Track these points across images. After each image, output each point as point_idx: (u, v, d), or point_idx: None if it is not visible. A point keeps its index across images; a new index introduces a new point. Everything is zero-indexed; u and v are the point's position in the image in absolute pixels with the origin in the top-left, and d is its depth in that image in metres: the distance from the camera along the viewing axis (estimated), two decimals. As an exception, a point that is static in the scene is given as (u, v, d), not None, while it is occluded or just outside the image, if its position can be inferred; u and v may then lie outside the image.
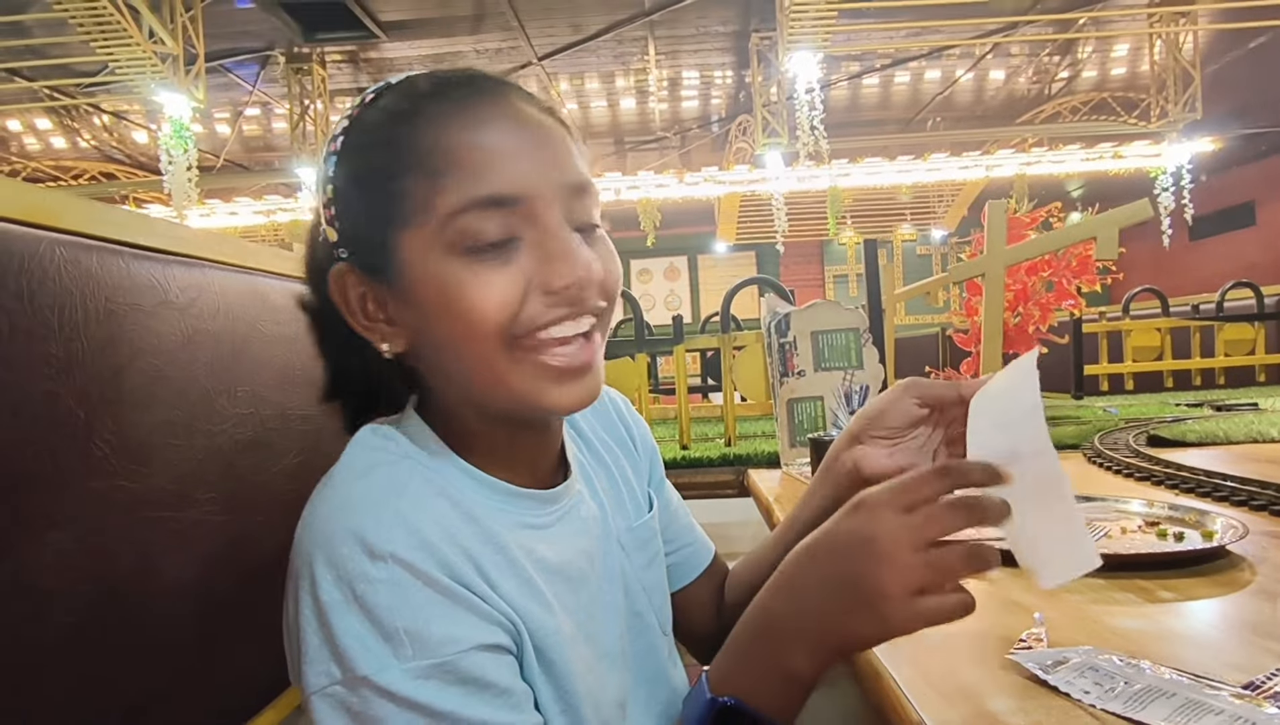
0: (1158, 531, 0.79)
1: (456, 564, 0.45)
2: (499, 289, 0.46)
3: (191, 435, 0.64)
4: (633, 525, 0.62)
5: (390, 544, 0.43)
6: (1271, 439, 1.43)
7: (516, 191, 0.47)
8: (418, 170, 0.46)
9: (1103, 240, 1.42)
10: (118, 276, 0.58)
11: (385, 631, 0.42)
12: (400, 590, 0.43)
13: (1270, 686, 0.45)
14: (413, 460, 0.49)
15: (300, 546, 0.46)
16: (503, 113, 0.48)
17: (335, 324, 0.53)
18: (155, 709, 0.59)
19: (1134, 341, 2.86)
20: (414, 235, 0.47)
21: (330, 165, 0.50)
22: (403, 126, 0.48)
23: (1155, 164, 6.86)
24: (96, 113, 6.92)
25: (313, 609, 0.43)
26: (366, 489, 0.47)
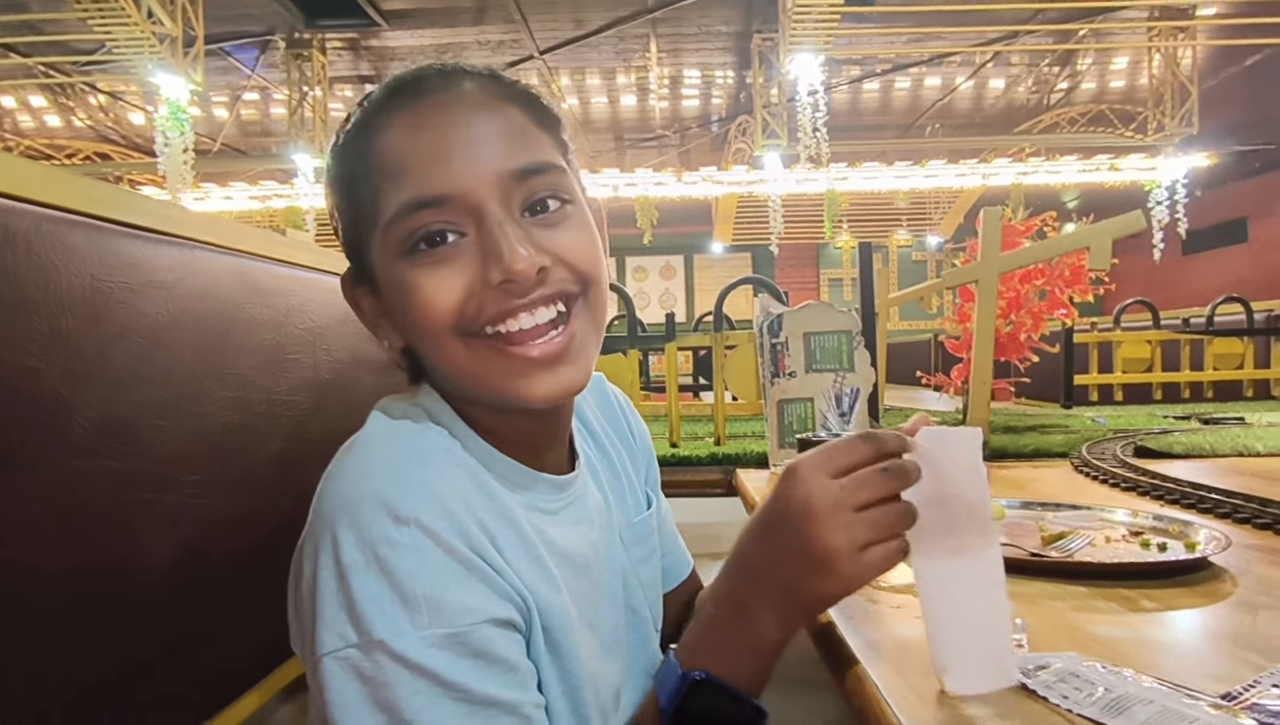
0: (1141, 541, 0.80)
1: (475, 536, 0.46)
2: (439, 288, 0.48)
3: (177, 417, 0.63)
4: (633, 520, 0.63)
5: (415, 509, 0.44)
6: (1256, 453, 1.44)
7: (442, 191, 0.48)
8: (370, 177, 0.49)
9: (1096, 250, 1.43)
10: (105, 254, 0.57)
11: (405, 596, 0.42)
12: (422, 556, 0.43)
13: (1248, 698, 0.46)
14: (434, 430, 0.50)
15: (321, 510, 0.46)
16: (440, 113, 0.49)
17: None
18: (134, 690, 0.58)
19: (1124, 353, 2.88)
20: (375, 240, 0.50)
21: (326, 178, 0.55)
22: (364, 133, 0.50)
23: (1150, 177, 6.90)
24: (92, 92, 6.86)
25: (333, 571, 0.44)
26: (392, 454, 0.48)
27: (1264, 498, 0.96)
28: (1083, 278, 1.92)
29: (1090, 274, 1.88)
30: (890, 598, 0.69)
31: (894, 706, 0.47)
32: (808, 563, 0.45)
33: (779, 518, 0.47)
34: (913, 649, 0.58)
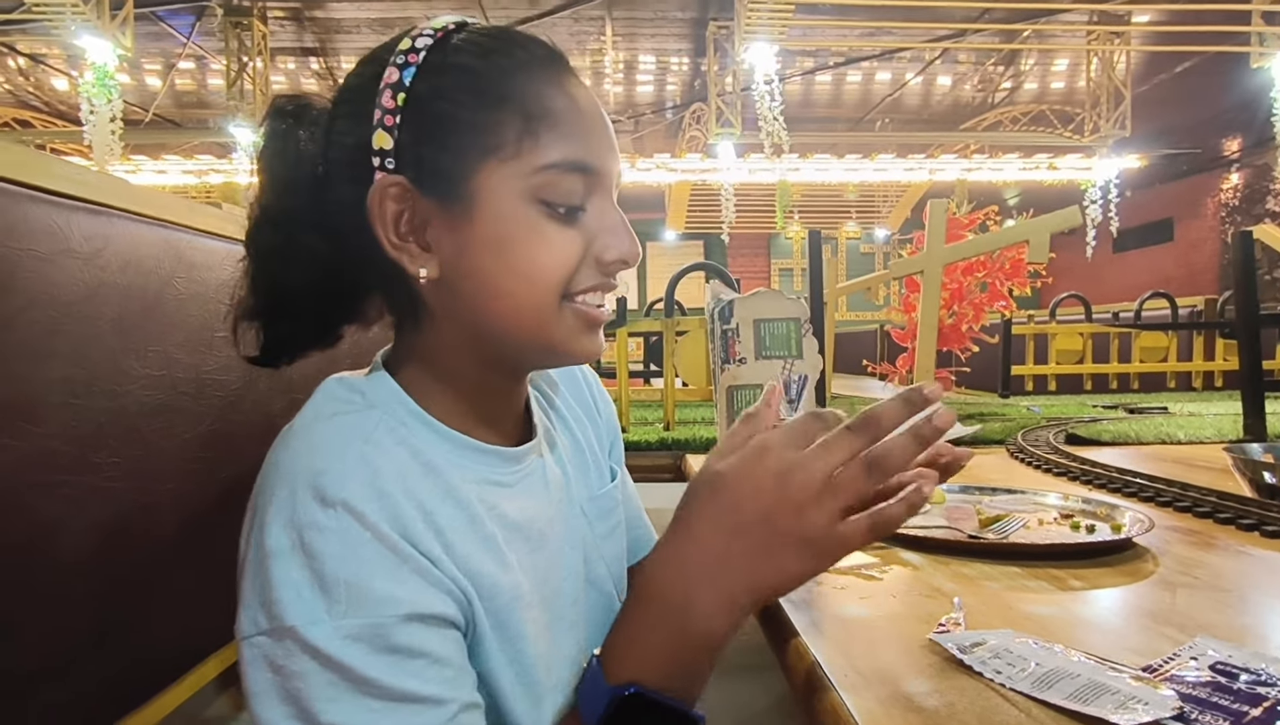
0: (1071, 524, 0.83)
1: (411, 521, 0.44)
2: (562, 249, 0.48)
3: (92, 395, 0.59)
4: (595, 494, 0.62)
5: (344, 490, 0.42)
6: (1178, 441, 1.51)
7: (597, 165, 0.50)
8: (515, 110, 0.47)
9: (1035, 244, 1.47)
10: (11, 218, 0.53)
11: (325, 582, 0.41)
12: (347, 540, 0.42)
13: (1166, 669, 0.48)
14: (379, 410, 0.48)
15: (259, 489, 0.45)
16: (591, 97, 0.51)
17: (299, 234, 0.50)
18: (41, 688, 0.55)
19: (1058, 345, 2.99)
20: (495, 169, 0.47)
21: (408, 74, 0.48)
22: (500, 65, 0.48)
23: (1086, 177, 7.18)
24: (11, 54, 6.45)
25: (257, 553, 0.42)
26: (328, 432, 0.46)
27: (1184, 482, 1.01)
28: (1022, 271, 1.98)
29: (1029, 267, 1.95)
30: (834, 578, 0.70)
31: (834, 683, 0.48)
32: (780, 546, 0.44)
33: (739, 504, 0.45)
34: (855, 629, 0.58)
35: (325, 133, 0.50)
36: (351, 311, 0.54)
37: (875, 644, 0.55)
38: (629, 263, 0.51)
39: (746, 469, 0.45)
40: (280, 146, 0.51)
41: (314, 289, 0.51)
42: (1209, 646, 0.50)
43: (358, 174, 0.48)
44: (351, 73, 0.51)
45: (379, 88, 0.48)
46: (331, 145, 0.50)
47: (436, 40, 0.49)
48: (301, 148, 0.51)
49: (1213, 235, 8.77)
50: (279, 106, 0.52)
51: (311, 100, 0.53)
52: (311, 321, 0.53)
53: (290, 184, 0.51)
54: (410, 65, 0.48)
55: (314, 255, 0.50)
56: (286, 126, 0.51)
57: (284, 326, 0.52)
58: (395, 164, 0.47)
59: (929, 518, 0.87)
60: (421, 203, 0.48)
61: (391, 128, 0.47)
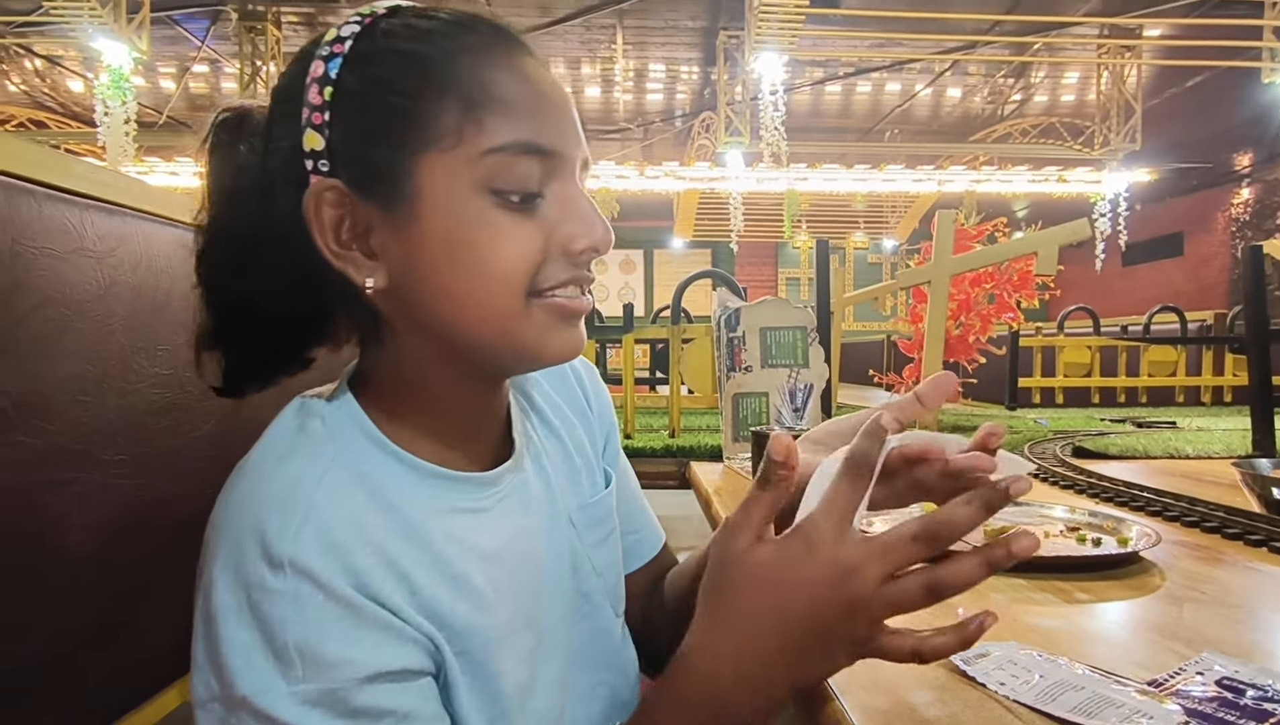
0: (1077, 536, 0.82)
1: (368, 572, 0.41)
2: (520, 243, 0.44)
3: (102, 393, 0.60)
4: (586, 502, 0.59)
5: (292, 548, 0.40)
6: (1186, 456, 1.50)
7: (553, 146, 0.45)
8: (454, 95, 0.43)
9: (1043, 256, 1.47)
10: (27, 216, 0.54)
11: (276, 647, 0.38)
12: (298, 603, 0.39)
13: (1172, 684, 0.47)
14: (336, 444, 0.45)
15: (208, 538, 0.42)
16: (546, 72, 0.47)
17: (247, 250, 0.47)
18: (46, 682, 0.55)
19: (1066, 357, 2.98)
20: (437, 161, 0.43)
21: (333, 66, 0.44)
22: (435, 46, 0.44)
23: (1095, 190, 7.17)
24: (28, 56, 6.52)
25: (205, 612, 0.40)
26: (277, 478, 0.43)
27: (1192, 497, 1.00)
28: (1029, 283, 1.98)
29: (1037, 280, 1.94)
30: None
31: (838, 694, 0.47)
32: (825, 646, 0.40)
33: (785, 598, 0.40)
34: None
35: (263, 140, 0.47)
36: (318, 332, 0.51)
37: (878, 654, 0.55)
38: (600, 250, 0.47)
39: (794, 565, 0.40)
40: (223, 159, 0.48)
41: (272, 310, 0.48)
42: (1215, 662, 0.50)
43: (297, 181, 0.44)
44: (283, 71, 0.48)
45: (305, 83, 0.44)
46: (269, 153, 0.46)
47: (364, 27, 0.45)
48: (243, 160, 0.48)
49: (1223, 250, 8.73)
50: (220, 118, 0.49)
51: (253, 109, 0.50)
52: (274, 346, 0.50)
53: (235, 198, 0.48)
54: (336, 56, 0.44)
55: (266, 273, 0.47)
56: (229, 138, 0.49)
57: (245, 352, 0.49)
58: (329, 166, 0.44)
59: None
60: (361, 207, 0.44)
61: (320, 126, 0.44)
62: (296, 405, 0.48)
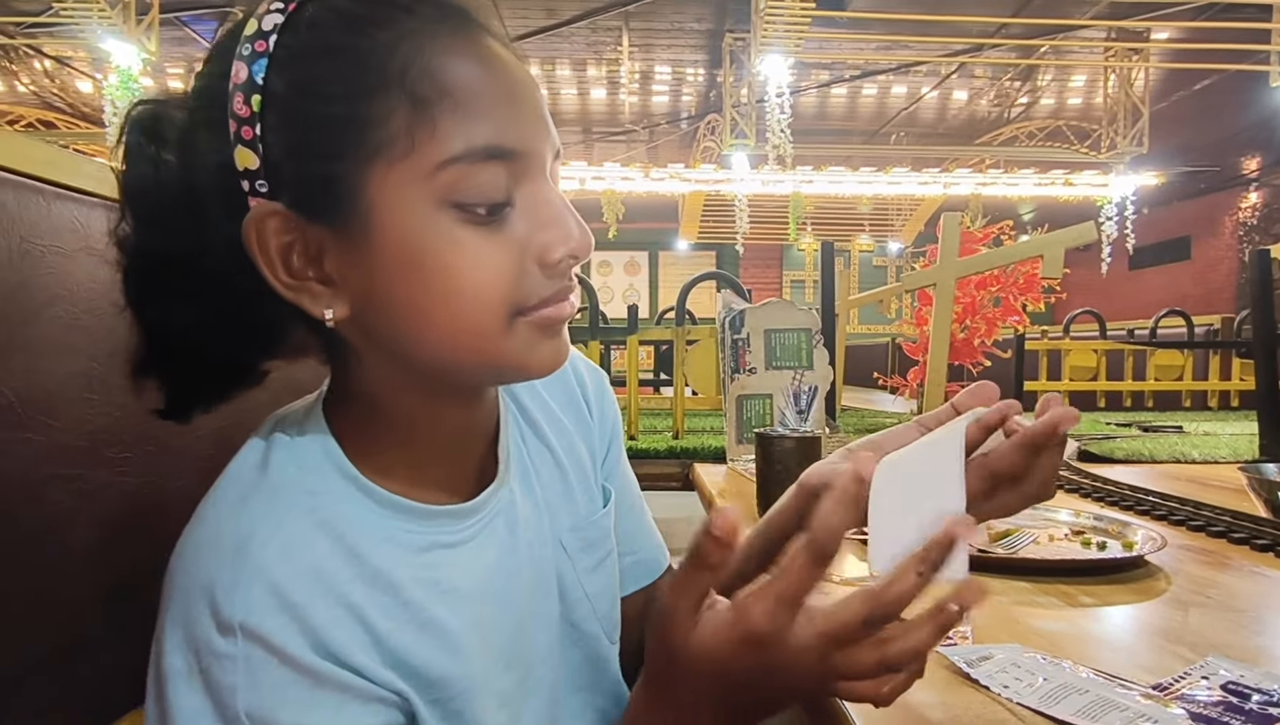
0: (1082, 540, 0.82)
1: (327, 627, 0.38)
2: (489, 261, 0.39)
3: (108, 390, 0.60)
4: (580, 524, 0.55)
5: (244, 610, 0.37)
6: (1192, 460, 1.49)
7: (520, 146, 0.40)
8: (397, 93, 0.37)
9: (1049, 259, 1.46)
10: (35, 215, 0.54)
11: (227, 715, 0.36)
12: (249, 669, 0.36)
13: (1177, 688, 0.47)
14: (298, 487, 0.41)
15: (164, 586, 0.40)
16: (506, 58, 0.41)
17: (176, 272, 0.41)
18: (52, 682, 0.56)
19: (1072, 361, 2.97)
20: (386, 173, 0.38)
21: (258, 68, 0.37)
22: (370, 36, 0.37)
23: (1102, 193, 7.15)
24: (37, 56, 6.56)
25: (156, 672, 0.38)
26: (231, 531, 0.39)
27: (1198, 501, 1.00)
28: (1035, 286, 1.98)
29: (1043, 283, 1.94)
30: (841, 591, 0.69)
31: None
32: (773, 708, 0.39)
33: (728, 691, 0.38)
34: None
35: (185, 151, 0.41)
36: (270, 347, 0.46)
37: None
38: (579, 256, 0.42)
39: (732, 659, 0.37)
40: (139, 170, 0.41)
41: (210, 335, 0.43)
42: (1221, 666, 0.50)
43: (232, 201, 0.39)
44: (200, 69, 0.41)
45: (227, 90, 0.38)
46: (194, 168, 0.40)
47: (288, 17, 0.38)
48: (162, 172, 0.41)
49: (1230, 254, 8.69)
50: (134, 117, 0.42)
51: (170, 106, 0.42)
52: (216, 369, 0.46)
53: (157, 215, 0.41)
54: (260, 56, 0.38)
55: (202, 297, 0.41)
56: (144, 144, 0.42)
57: (183, 377, 0.45)
58: (268, 186, 0.38)
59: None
60: (310, 230, 0.39)
61: (253, 141, 0.37)
62: (263, 436, 0.45)
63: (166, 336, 0.43)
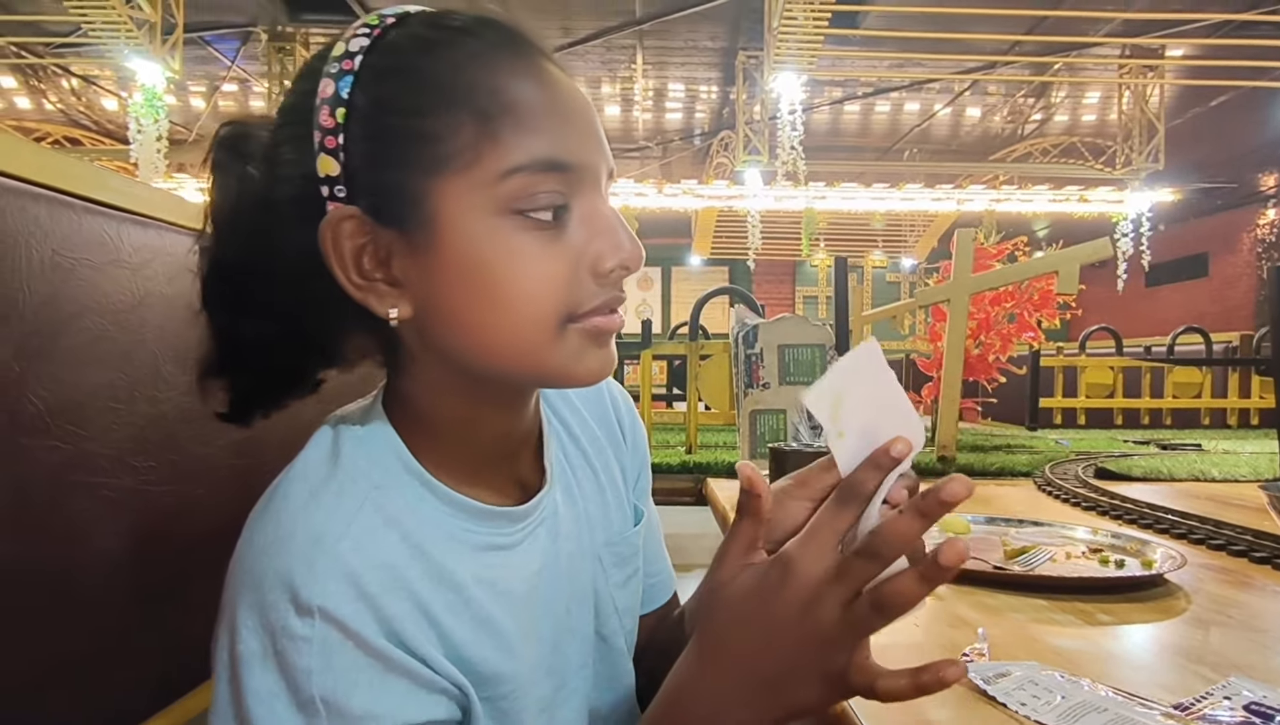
0: (1100, 558, 0.81)
1: (398, 622, 0.40)
2: (547, 268, 0.42)
3: (134, 400, 0.61)
4: (614, 539, 0.56)
5: (321, 595, 0.38)
6: (1212, 478, 1.47)
7: (577, 160, 0.43)
8: (466, 110, 0.41)
9: (1064, 275, 1.46)
10: (67, 228, 0.56)
11: (300, 698, 0.37)
12: (325, 652, 0.38)
13: (1199, 708, 0.46)
14: (366, 481, 0.43)
15: (230, 581, 0.41)
16: (564, 79, 0.44)
17: (255, 279, 0.44)
18: (77, 687, 0.56)
19: (1088, 378, 2.94)
20: (453, 183, 0.41)
21: (344, 85, 0.41)
22: (443, 60, 0.41)
23: (1117, 210, 7.10)
24: (65, 75, 6.72)
25: (229, 656, 0.39)
26: (304, 523, 0.41)
27: (1218, 520, 0.98)
28: (1050, 302, 1.96)
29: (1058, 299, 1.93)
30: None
31: (856, 710, 0.47)
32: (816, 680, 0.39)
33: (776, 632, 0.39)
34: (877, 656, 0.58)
35: (269, 163, 0.44)
36: (329, 356, 0.49)
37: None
38: (630, 267, 0.44)
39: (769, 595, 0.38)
40: (224, 184, 0.45)
41: (281, 339, 0.46)
42: (1244, 686, 0.49)
43: (309, 209, 0.42)
44: (289, 87, 0.45)
45: (314, 105, 0.42)
46: (277, 178, 0.43)
47: (373, 40, 0.42)
48: (247, 183, 0.45)
49: (1249, 271, 8.60)
50: (220, 137, 0.46)
51: (254, 126, 0.46)
52: (282, 373, 0.48)
53: (239, 224, 0.45)
54: (346, 74, 0.41)
55: (276, 303, 0.45)
56: (230, 160, 0.45)
57: (249, 381, 0.47)
58: (346, 192, 0.41)
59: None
60: (382, 233, 0.42)
61: (335, 150, 0.41)
62: (329, 431, 0.46)
63: (237, 341, 0.46)
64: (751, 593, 0.39)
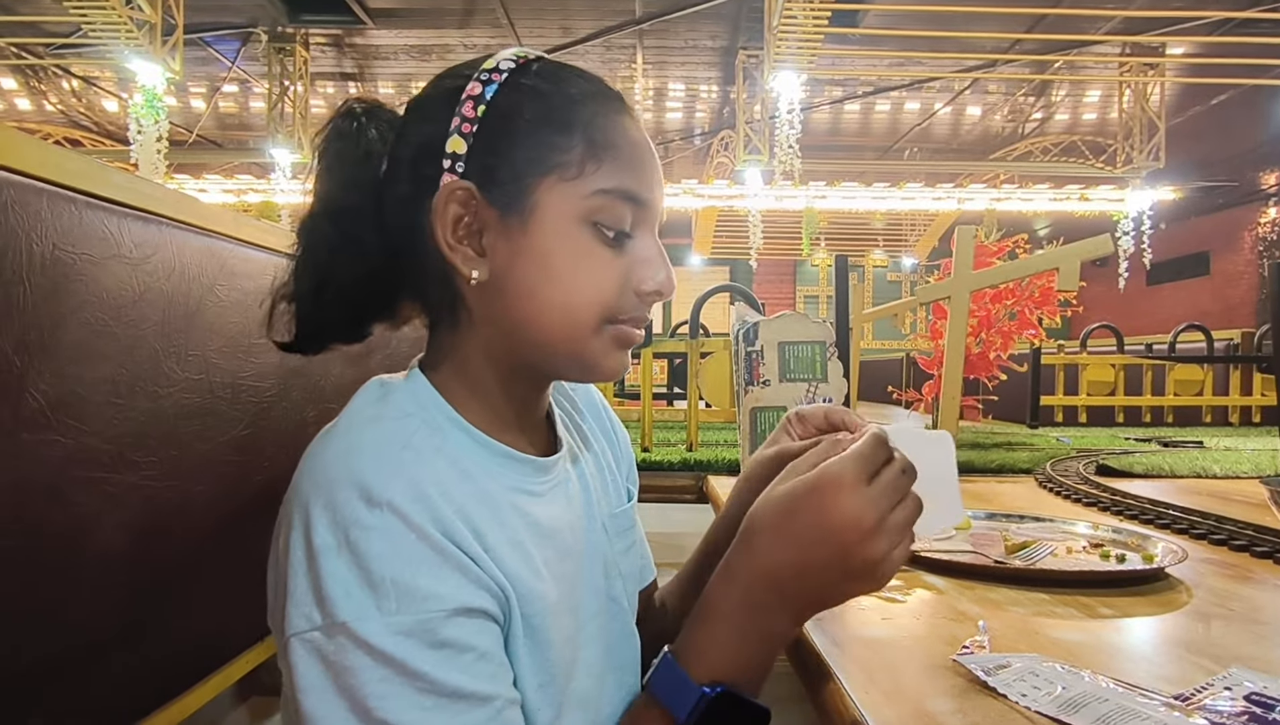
0: (1101, 552, 0.81)
1: (451, 523, 0.45)
2: (605, 274, 0.51)
3: (134, 396, 0.61)
4: (615, 511, 0.63)
5: (389, 492, 0.44)
6: (1213, 475, 1.47)
7: (648, 197, 0.52)
8: (580, 135, 0.50)
9: (1065, 271, 1.45)
10: (68, 224, 0.56)
11: (372, 579, 0.42)
12: (393, 539, 0.43)
13: (1199, 699, 0.46)
14: (416, 418, 0.50)
15: (298, 489, 0.46)
16: (639, 126, 0.55)
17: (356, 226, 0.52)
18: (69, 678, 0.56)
19: (1089, 376, 2.94)
20: (556, 185, 0.50)
21: (490, 89, 0.51)
22: (571, 93, 0.52)
23: (1118, 208, 7.10)
24: (65, 76, 6.73)
25: (304, 551, 0.43)
26: (371, 437, 0.47)
27: (1220, 515, 0.98)
28: (1051, 300, 1.96)
29: (1059, 296, 1.92)
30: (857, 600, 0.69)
31: (856, 700, 0.47)
32: (850, 573, 0.46)
33: (816, 528, 0.46)
34: (878, 648, 0.58)
35: (397, 133, 0.53)
36: (386, 309, 0.56)
37: (898, 664, 0.54)
38: (664, 295, 0.54)
39: (826, 497, 0.46)
40: (346, 143, 0.53)
41: (356, 283, 0.53)
42: (1245, 677, 0.49)
43: (421, 174, 0.50)
44: (430, 85, 0.54)
45: (460, 98, 0.51)
46: (401, 144, 0.52)
47: (519, 65, 0.52)
48: (367, 145, 0.53)
49: (1250, 269, 8.59)
50: (350, 106, 0.55)
51: (384, 104, 0.56)
52: (347, 315, 0.54)
53: (351, 179, 0.53)
54: (493, 82, 0.51)
55: (363, 249, 0.52)
56: (357, 124, 0.54)
57: (320, 316, 0.54)
58: (464, 169, 0.50)
59: (954, 543, 0.86)
60: (484, 209, 0.50)
61: (468, 135, 0.50)
62: (375, 382, 0.53)
63: (321, 281, 0.53)
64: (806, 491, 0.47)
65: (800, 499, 0.47)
